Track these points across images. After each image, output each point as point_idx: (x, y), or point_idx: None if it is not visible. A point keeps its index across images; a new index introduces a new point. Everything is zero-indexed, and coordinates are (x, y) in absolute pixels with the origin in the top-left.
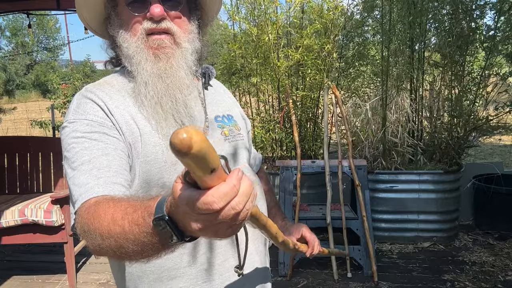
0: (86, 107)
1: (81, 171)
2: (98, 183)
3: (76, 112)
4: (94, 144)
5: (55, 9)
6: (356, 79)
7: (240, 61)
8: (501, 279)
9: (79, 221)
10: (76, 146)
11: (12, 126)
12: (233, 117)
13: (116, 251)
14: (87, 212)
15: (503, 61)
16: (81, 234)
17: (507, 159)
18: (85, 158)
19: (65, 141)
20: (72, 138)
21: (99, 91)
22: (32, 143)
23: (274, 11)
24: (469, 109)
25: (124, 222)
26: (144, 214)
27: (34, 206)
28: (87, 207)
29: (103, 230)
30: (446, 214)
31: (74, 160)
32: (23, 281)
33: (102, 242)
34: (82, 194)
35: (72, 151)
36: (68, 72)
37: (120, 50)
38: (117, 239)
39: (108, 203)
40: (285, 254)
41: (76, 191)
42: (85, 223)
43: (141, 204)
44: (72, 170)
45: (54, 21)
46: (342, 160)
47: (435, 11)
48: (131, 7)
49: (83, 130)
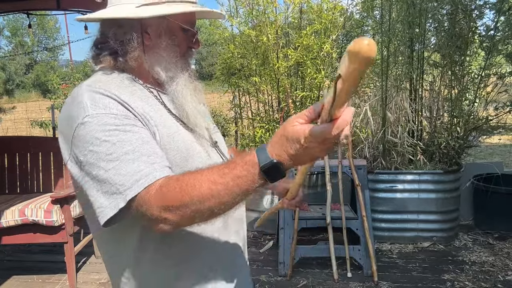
0: (105, 101)
1: (126, 161)
2: (154, 168)
3: (96, 107)
4: (130, 135)
5: (55, 9)
6: None
7: (239, 61)
8: (501, 279)
9: (154, 203)
10: (110, 138)
11: (12, 126)
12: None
13: (213, 209)
14: (166, 191)
15: (503, 61)
16: (164, 213)
17: (507, 159)
18: (127, 149)
19: (91, 135)
20: (102, 132)
21: (108, 87)
22: (32, 143)
23: (272, 11)
24: (469, 109)
25: (226, 180)
26: (246, 167)
27: (34, 206)
28: (158, 189)
29: (204, 194)
30: (446, 214)
31: (112, 152)
32: (23, 281)
33: (201, 206)
34: (139, 181)
35: (105, 144)
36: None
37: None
38: (220, 197)
39: (190, 176)
40: (285, 254)
41: (125, 180)
42: (172, 199)
43: (235, 163)
44: (109, 162)
45: (54, 21)
46: (342, 160)
47: (435, 11)
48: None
49: (113, 123)
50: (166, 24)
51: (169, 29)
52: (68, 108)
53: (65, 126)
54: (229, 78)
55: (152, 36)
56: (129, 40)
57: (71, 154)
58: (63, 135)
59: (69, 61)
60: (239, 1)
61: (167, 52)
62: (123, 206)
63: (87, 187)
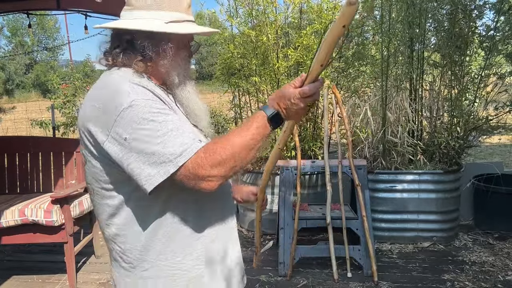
0: (144, 91)
1: (172, 136)
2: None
3: (138, 94)
4: (171, 117)
5: (55, 9)
6: (356, 79)
7: (239, 61)
8: (501, 278)
9: (206, 163)
10: (156, 119)
11: (12, 126)
12: None
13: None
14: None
15: (503, 61)
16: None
17: (507, 159)
18: (171, 127)
19: (138, 117)
20: (148, 113)
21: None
22: (32, 143)
23: (272, 11)
24: (468, 109)
25: (251, 131)
26: (260, 119)
27: (34, 206)
28: (204, 153)
29: (239, 146)
30: (446, 214)
31: (158, 129)
32: (23, 281)
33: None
34: (186, 150)
35: (152, 123)
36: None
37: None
38: (249, 145)
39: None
40: (285, 254)
41: (174, 150)
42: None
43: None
44: (157, 138)
45: (54, 21)
46: (342, 160)
47: (435, 11)
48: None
49: (156, 107)
50: (183, 38)
51: (184, 43)
52: (105, 95)
53: (102, 111)
54: (229, 78)
55: (174, 48)
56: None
57: (110, 135)
58: (98, 119)
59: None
60: (239, 1)
61: (183, 62)
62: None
63: (130, 161)
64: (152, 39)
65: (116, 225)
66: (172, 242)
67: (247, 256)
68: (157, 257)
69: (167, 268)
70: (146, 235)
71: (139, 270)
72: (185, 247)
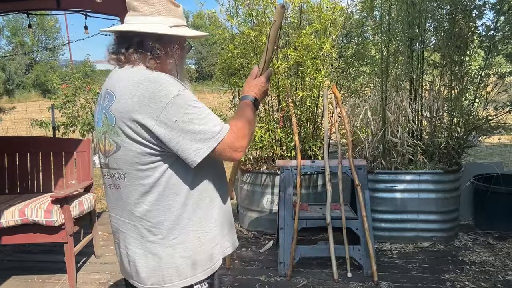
0: (179, 83)
1: (210, 118)
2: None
3: (179, 85)
4: (203, 104)
5: (55, 9)
6: (356, 79)
7: (239, 61)
8: (500, 278)
9: (236, 134)
10: (197, 105)
11: (12, 126)
12: None
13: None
14: (236, 128)
15: (502, 60)
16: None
17: (507, 159)
18: (208, 111)
19: (185, 103)
20: (191, 101)
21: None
22: (32, 143)
23: (272, 11)
24: (468, 109)
25: (250, 113)
26: (249, 106)
27: (34, 206)
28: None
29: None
30: (445, 214)
31: (201, 113)
32: (23, 281)
33: (251, 130)
34: (221, 129)
35: (195, 109)
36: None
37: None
38: (252, 122)
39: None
40: (285, 254)
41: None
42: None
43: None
44: (201, 119)
45: (54, 21)
46: (342, 160)
47: (434, 11)
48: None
49: (193, 96)
50: (183, 40)
51: (183, 44)
52: (151, 88)
53: (149, 101)
54: (229, 78)
55: (178, 48)
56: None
57: (159, 119)
58: (145, 108)
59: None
60: (239, 1)
61: (182, 60)
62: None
63: (180, 140)
64: (160, 41)
65: (148, 202)
66: (198, 210)
67: (247, 256)
68: (186, 225)
69: (194, 233)
70: (179, 207)
71: (168, 240)
72: (207, 213)
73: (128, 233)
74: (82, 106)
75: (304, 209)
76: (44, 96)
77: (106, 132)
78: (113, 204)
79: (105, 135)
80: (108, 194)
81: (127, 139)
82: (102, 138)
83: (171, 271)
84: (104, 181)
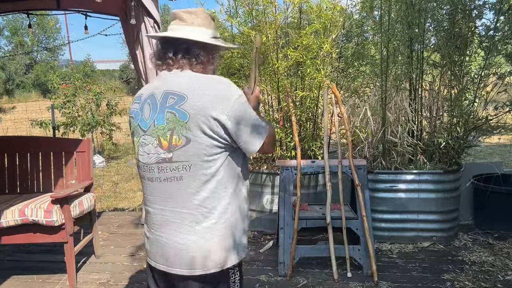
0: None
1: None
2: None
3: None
4: None
5: (55, 9)
6: (356, 79)
7: (239, 61)
8: (500, 278)
9: (272, 133)
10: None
11: (12, 126)
12: None
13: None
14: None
15: (502, 60)
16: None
17: (507, 159)
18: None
19: (244, 103)
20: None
21: None
22: (32, 143)
23: (272, 11)
24: (468, 109)
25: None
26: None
27: (34, 206)
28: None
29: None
30: (445, 214)
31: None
32: (23, 281)
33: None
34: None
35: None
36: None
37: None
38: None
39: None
40: (285, 254)
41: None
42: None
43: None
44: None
45: (54, 21)
46: (342, 160)
47: (434, 11)
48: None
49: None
50: (219, 50)
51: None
52: (217, 87)
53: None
54: (229, 78)
55: (217, 57)
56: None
57: (230, 115)
58: (217, 106)
59: (69, 61)
60: (239, 1)
61: (217, 67)
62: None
63: (243, 132)
64: (204, 49)
65: (208, 190)
66: (239, 197)
67: (247, 256)
68: (233, 212)
69: (234, 219)
70: (229, 194)
71: (219, 224)
72: (243, 201)
73: (182, 222)
74: (82, 106)
75: (304, 209)
76: (44, 96)
77: (173, 128)
78: (165, 197)
79: (171, 131)
80: (158, 188)
81: (200, 133)
82: (167, 134)
83: (218, 255)
84: (157, 176)
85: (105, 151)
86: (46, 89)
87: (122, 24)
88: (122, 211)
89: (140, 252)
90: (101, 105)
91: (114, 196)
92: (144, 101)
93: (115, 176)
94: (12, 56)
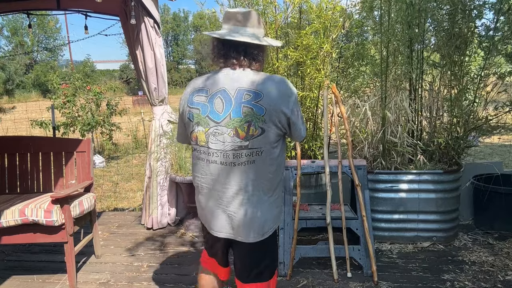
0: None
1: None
2: None
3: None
4: None
5: (55, 9)
6: (356, 79)
7: None
8: (500, 278)
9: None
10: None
11: (12, 126)
12: None
13: None
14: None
15: (502, 60)
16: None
17: (507, 159)
18: None
19: (297, 100)
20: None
21: None
22: (32, 143)
23: (272, 11)
24: (468, 109)
25: None
26: None
27: (34, 205)
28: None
29: None
30: (445, 214)
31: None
32: (23, 281)
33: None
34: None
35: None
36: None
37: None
38: None
39: None
40: (285, 254)
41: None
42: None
43: None
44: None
45: (54, 21)
46: (342, 160)
47: (434, 11)
48: None
49: None
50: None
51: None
52: (283, 87)
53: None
54: None
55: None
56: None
57: (291, 108)
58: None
59: (69, 61)
60: (239, 1)
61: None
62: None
63: (299, 122)
64: (259, 49)
65: (272, 171)
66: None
67: None
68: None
69: (282, 193)
70: (281, 174)
71: (274, 197)
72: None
73: (251, 198)
74: (82, 106)
75: (304, 209)
76: (44, 96)
77: (251, 121)
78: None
79: (249, 123)
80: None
81: (272, 125)
82: (244, 126)
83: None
84: (232, 161)
85: (105, 151)
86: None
87: (122, 24)
88: (122, 211)
89: (140, 252)
90: (101, 105)
91: (114, 196)
92: (214, 95)
93: (115, 176)
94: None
